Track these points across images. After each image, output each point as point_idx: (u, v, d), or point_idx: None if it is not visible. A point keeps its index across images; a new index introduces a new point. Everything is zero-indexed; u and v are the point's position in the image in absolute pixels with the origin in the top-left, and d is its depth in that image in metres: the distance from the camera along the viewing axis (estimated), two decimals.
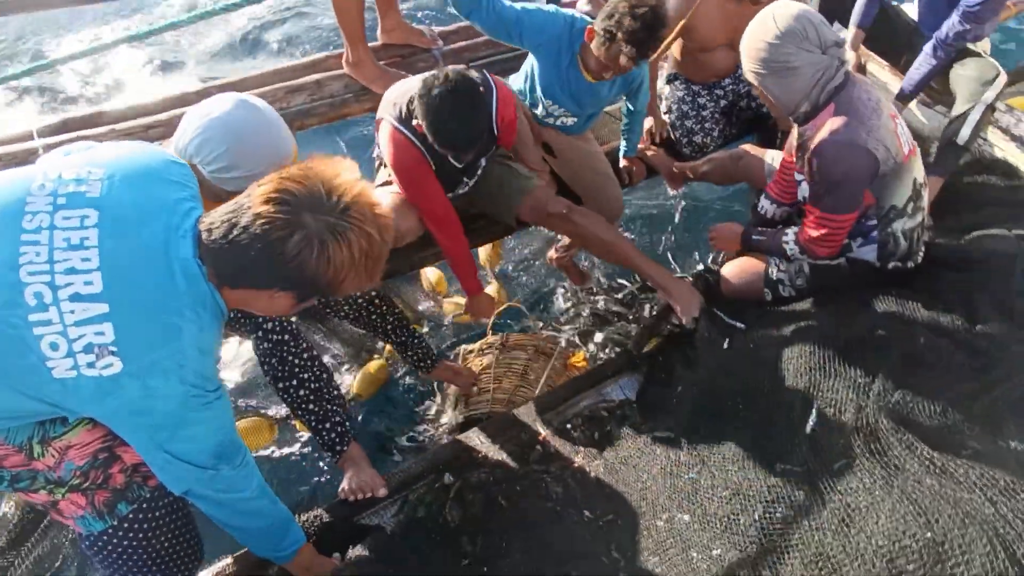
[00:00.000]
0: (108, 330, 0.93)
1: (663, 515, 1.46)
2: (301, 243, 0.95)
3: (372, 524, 1.67)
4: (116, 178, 1.00)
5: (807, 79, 1.60)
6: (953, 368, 1.40)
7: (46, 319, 0.92)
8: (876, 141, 1.59)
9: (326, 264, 0.97)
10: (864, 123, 1.59)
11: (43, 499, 1.16)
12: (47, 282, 0.92)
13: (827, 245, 1.72)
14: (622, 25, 1.89)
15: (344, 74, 2.46)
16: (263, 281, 1.01)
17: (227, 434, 1.10)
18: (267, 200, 0.95)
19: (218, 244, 0.97)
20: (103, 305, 0.93)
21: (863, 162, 1.59)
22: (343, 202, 0.97)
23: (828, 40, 1.59)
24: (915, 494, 1.13)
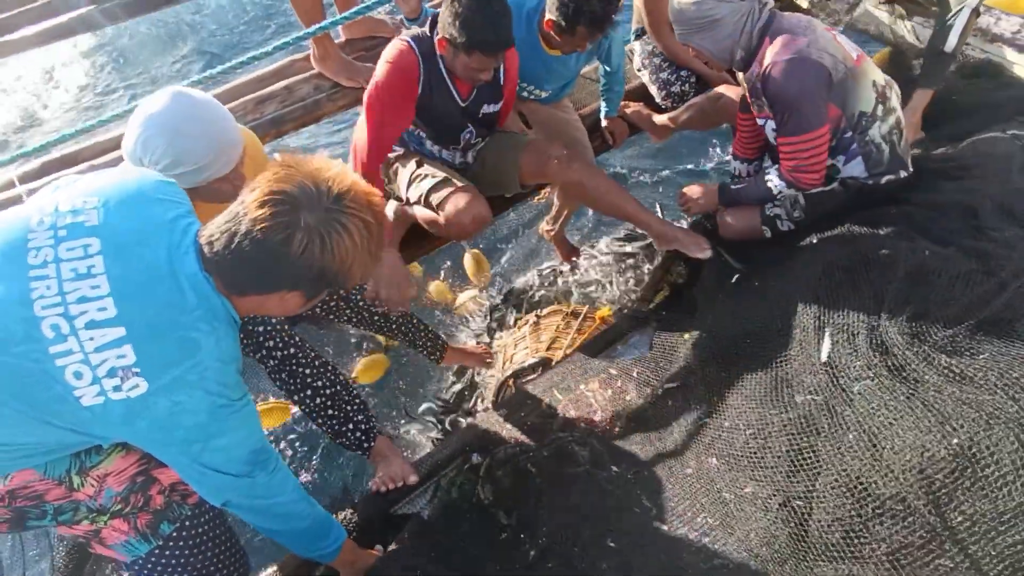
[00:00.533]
0: (129, 352, 0.95)
1: (691, 462, 1.47)
2: (303, 240, 0.96)
3: (409, 513, 1.70)
4: (111, 204, 1.02)
5: (732, 27, 1.65)
6: (962, 275, 1.39)
7: (67, 349, 0.94)
8: (818, 51, 1.62)
9: (331, 256, 0.98)
10: (799, 37, 1.62)
11: (85, 529, 1.18)
12: (61, 313, 0.94)
13: (811, 170, 1.72)
14: (581, 13, 1.84)
15: (314, 75, 2.44)
16: (271, 284, 1.02)
17: (258, 440, 1.12)
18: (262, 204, 0.96)
19: (221, 255, 0.99)
20: (120, 329, 0.95)
21: (813, 71, 1.61)
22: (334, 192, 0.98)
23: None
24: (937, 404, 1.13)
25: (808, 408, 1.32)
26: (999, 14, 2.43)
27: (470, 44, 1.69)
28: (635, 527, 1.39)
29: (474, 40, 1.68)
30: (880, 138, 1.75)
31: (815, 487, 1.23)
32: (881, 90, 1.76)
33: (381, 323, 2.05)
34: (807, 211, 1.88)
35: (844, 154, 1.78)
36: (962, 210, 1.64)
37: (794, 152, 1.69)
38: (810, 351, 1.43)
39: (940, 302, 1.34)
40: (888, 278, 1.46)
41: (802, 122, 1.64)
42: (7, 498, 1.07)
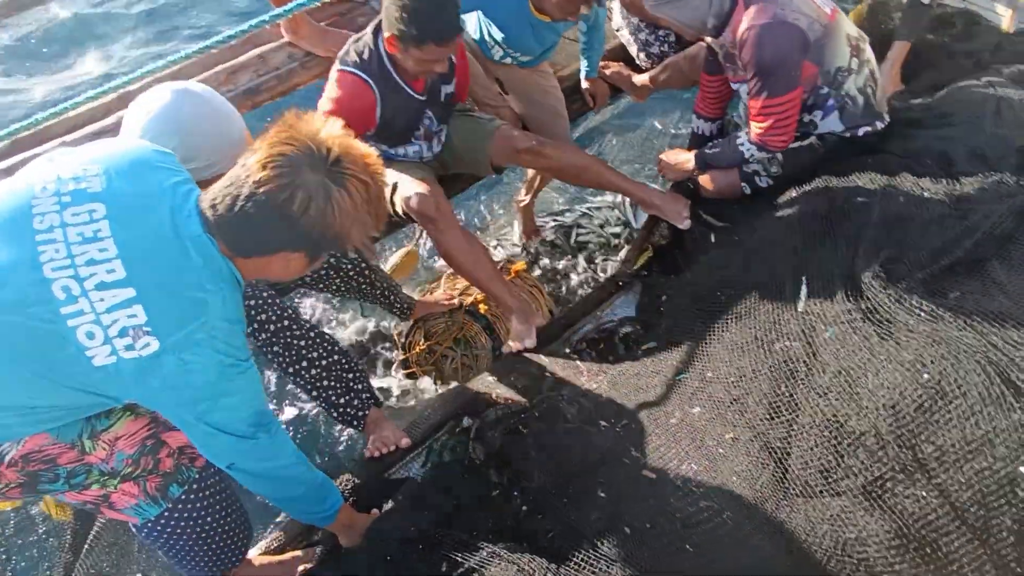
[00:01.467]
0: (139, 312, 0.97)
1: (675, 413, 1.51)
2: (306, 200, 0.98)
3: (403, 477, 1.73)
4: (112, 171, 1.04)
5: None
6: (935, 219, 1.42)
7: (78, 310, 0.95)
8: (794, 13, 1.61)
9: (332, 216, 1.00)
10: (774, 4, 1.60)
11: (95, 494, 1.21)
12: (72, 275, 0.96)
13: (779, 132, 1.73)
14: None
15: (286, 43, 2.38)
16: (274, 245, 1.05)
17: (261, 403, 1.15)
18: (264, 166, 0.98)
19: (225, 218, 1.01)
20: (129, 290, 0.97)
21: (790, 35, 1.61)
22: (334, 153, 1.00)
23: None
24: (909, 342, 1.17)
25: (786, 354, 1.36)
26: None
27: (422, 37, 1.65)
28: (624, 478, 1.43)
29: (426, 31, 1.64)
30: (856, 91, 1.76)
31: (792, 429, 1.27)
32: (855, 43, 1.76)
33: (367, 291, 2.08)
34: (784, 166, 1.89)
35: (821, 109, 1.79)
36: (936, 156, 1.66)
37: (764, 114, 1.69)
38: (788, 300, 1.46)
39: (913, 246, 1.37)
40: (863, 225, 1.49)
41: (775, 86, 1.64)
42: (20, 463, 1.09)
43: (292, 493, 1.29)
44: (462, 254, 1.91)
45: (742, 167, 1.95)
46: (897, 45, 2.27)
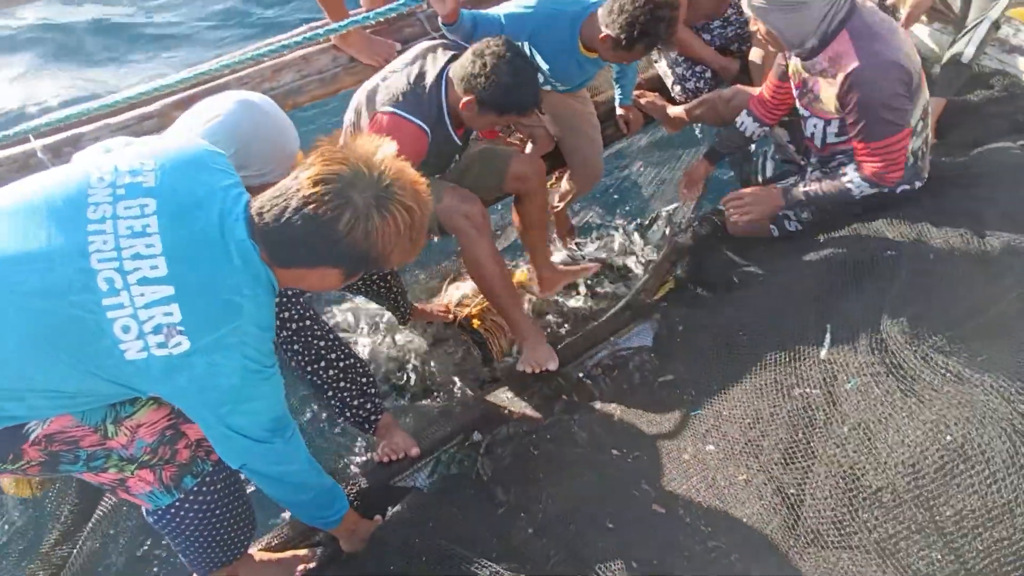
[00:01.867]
0: (175, 311, 0.98)
1: (688, 448, 1.51)
2: (351, 220, 1.00)
3: (409, 486, 1.73)
4: (168, 168, 1.06)
5: (817, 14, 1.55)
6: (964, 279, 1.42)
7: (118, 303, 0.97)
8: (906, 56, 1.57)
9: (375, 238, 1.03)
10: (890, 42, 1.56)
11: (112, 477, 1.22)
12: (116, 268, 0.97)
13: (894, 168, 1.66)
14: (646, 36, 1.84)
15: (331, 47, 2.42)
16: (315, 259, 1.07)
17: (281, 409, 1.16)
18: (315, 182, 1.00)
19: (270, 227, 1.03)
20: (169, 288, 0.98)
21: (903, 78, 1.57)
22: (385, 178, 1.02)
23: None
24: (933, 402, 1.16)
25: (804, 401, 1.36)
26: (1019, 25, 2.43)
27: (506, 108, 1.73)
28: (632, 509, 1.43)
29: (511, 104, 1.72)
30: (911, 152, 1.74)
31: (807, 477, 1.27)
32: (926, 107, 1.75)
33: (382, 293, 2.16)
34: (816, 212, 1.90)
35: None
36: (968, 215, 1.67)
37: (879, 155, 1.63)
38: (810, 347, 1.46)
39: (941, 304, 1.37)
40: (890, 278, 1.49)
41: (888, 127, 1.59)
42: (44, 442, 1.11)
43: (300, 497, 1.30)
44: (490, 267, 1.92)
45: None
46: (933, 101, 2.28)
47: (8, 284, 0.96)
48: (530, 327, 1.98)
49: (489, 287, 1.97)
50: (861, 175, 1.71)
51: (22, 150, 1.99)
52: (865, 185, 1.72)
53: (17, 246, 0.98)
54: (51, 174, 1.07)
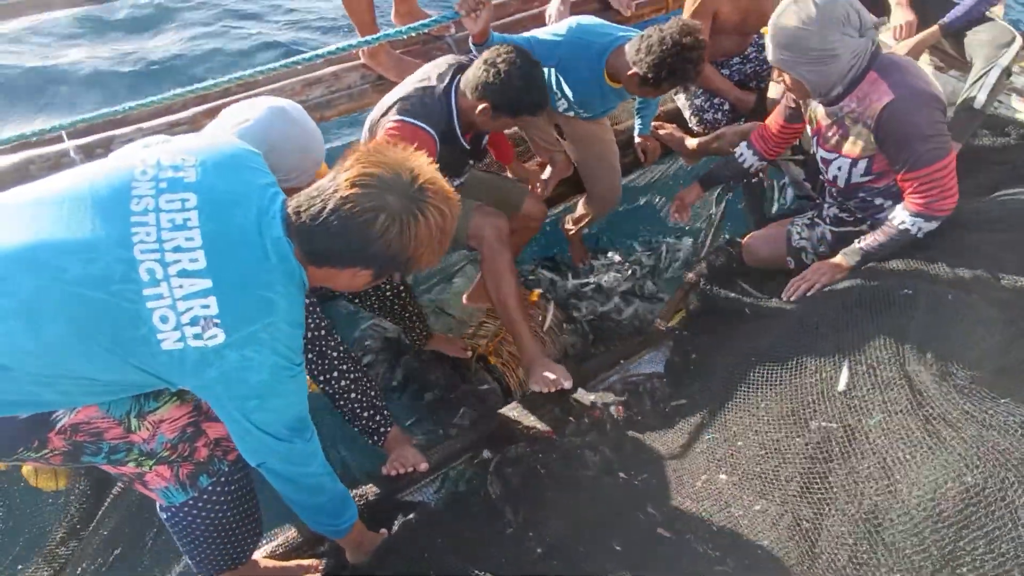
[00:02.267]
0: (213, 303, 1.00)
1: (701, 476, 1.50)
2: (387, 222, 1.04)
3: (415, 500, 1.72)
4: (208, 165, 1.08)
5: (845, 64, 1.57)
6: (983, 320, 1.43)
7: (158, 293, 0.99)
8: (934, 87, 1.59)
9: (409, 240, 1.06)
10: (918, 74, 1.58)
11: (131, 470, 1.23)
12: (158, 259, 0.99)
13: (947, 195, 1.63)
14: (674, 75, 1.90)
15: (361, 64, 2.49)
16: (348, 260, 1.09)
17: (304, 409, 1.17)
18: (353, 184, 1.03)
19: (308, 226, 1.05)
20: (207, 281, 1.00)
21: (938, 105, 1.58)
22: (419, 181, 1.06)
23: (867, 22, 1.56)
24: (953, 442, 1.16)
25: (822, 434, 1.35)
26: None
27: (518, 109, 1.80)
28: (641, 533, 1.42)
29: (523, 106, 1.79)
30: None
31: (824, 511, 1.26)
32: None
33: (397, 311, 2.14)
34: (833, 247, 1.92)
35: (894, 199, 1.78)
36: (986, 261, 1.68)
37: (930, 183, 1.61)
38: (827, 379, 1.47)
39: (961, 345, 1.37)
40: (909, 317, 1.49)
41: (935, 151, 1.57)
42: (69, 431, 1.11)
43: (313, 500, 1.30)
44: (508, 279, 1.95)
45: (790, 241, 1.97)
46: None
47: (52, 271, 0.98)
48: (540, 348, 2.00)
49: (505, 301, 1.99)
50: (912, 212, 1.66)
51: (55, 149, 2.04)
52: (920, 220, 1.67)
53: (62, 234, 1.00)
54: (96, 165, 1.10)
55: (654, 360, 2.11)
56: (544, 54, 2.11)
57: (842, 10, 1.54)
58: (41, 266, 0.98)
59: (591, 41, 2.09)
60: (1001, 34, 2.32)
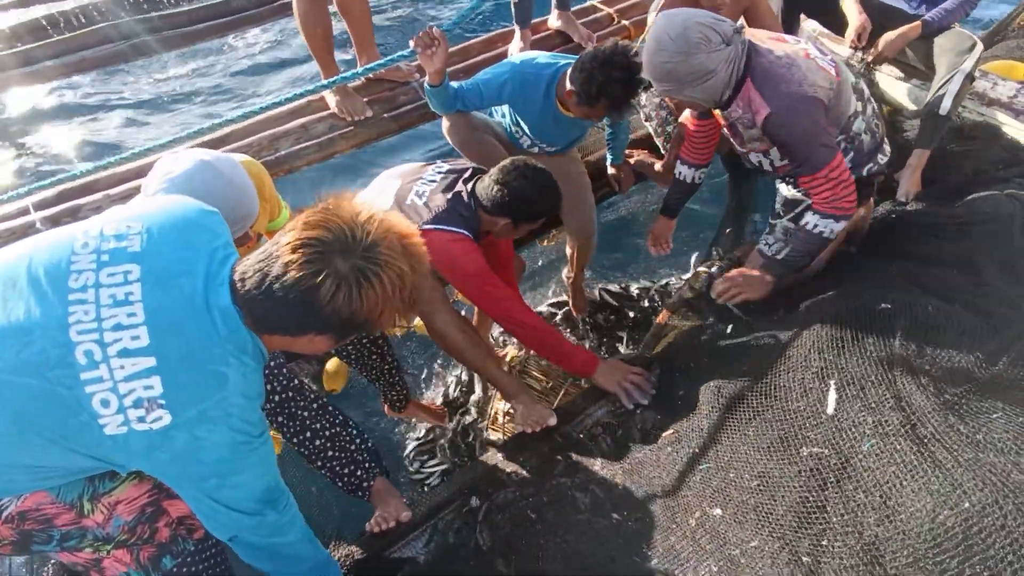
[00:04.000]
0: (156, 383, 0.94)
1: (695, 512, 1.44)
2: (332, 288, 0.96)
3: (404, 557, 1.65)
4: (154, 231, 1.03)
5: (724, 74, 1.62)
6: (968, 330, 1.40)
7: (97, 376, 0.93)
8: (810, 85, 1.60)
9: (360, 304, 0.97)
10: (789, 78, 1.60)
11: (87, 557, 1.16)
12: (96, 340, 0.94)
13: (846, 197, 1.66)
14: (604, 92, 1.94)
15: (329, 114, 2.50)
16: (299, 327, 1.02)
17: (272, 479, 1.11)
18: (295, 248, 0.96)
19: (251, 294, 0.99)
20: (150, 359, 0.94)
21: (813, 107, 1.60)
22: (369, 239, 0.97)
23: (727, 32, 1.59)
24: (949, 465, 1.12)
25: (815, 462, 1.31)
26: (996, 79, 2.51)
27: (538, 217, 1.86)
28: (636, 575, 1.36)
29: (543, 212, 1.85)
30: (863, 130, 1.77)
31: (822, 545, 1.21)
32: (859, 88, 1.78)
33: (376, 363, 2.08)
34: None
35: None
36: (964, 267, 1.66)
37: (824, 185, 1.66)
38: (815, 403, 1.43)
39: (947, 358, 1.34)
40: (892, 333, 1.46)
41: (819, 158, 1.62)
42: (16, 520, 1.06)
43: (293, 570, 1.23)
44: (453, 335, 1.89)
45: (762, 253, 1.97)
46: (916, 152, 2.33)
47: None
48: (517, 385, 1.94)
49: (459, 355, 1.94)
50: (820, 213, 1.71)
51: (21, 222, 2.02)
52: (830, 221, 1.71)
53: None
54: (37, 240, 1.05)
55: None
56: (493, 96, 2.15)
57: (696, 33, 1.57)
58: None
59: (537, 74, 2.12)
60: (961, 40, 2.36)
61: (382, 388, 2.15)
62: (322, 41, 2.37)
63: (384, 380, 2.11)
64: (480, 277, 1.84)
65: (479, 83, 2.15)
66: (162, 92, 4.71)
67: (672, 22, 1.59)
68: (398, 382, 2.14)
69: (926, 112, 2.33)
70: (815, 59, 1.65)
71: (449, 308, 1.92)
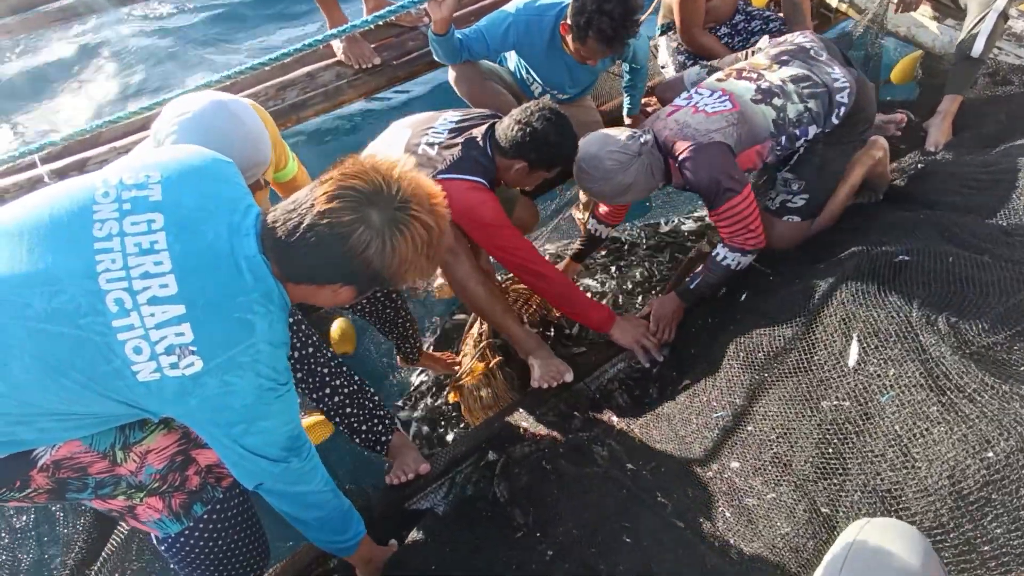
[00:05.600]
0: (187, 330, 0.95)
1: (712, 465, 1.45)
2: (367, 238, 0.98)
3: (423, 508, 1.69)
4: (174, 180, 1.02)
5: (645, 177, 1.80)
6: (995, 282, 1.36)
7: (128, 324, 0.94)
8: (704, 135, 1.74)
9: (391, 256, 1.00)
10: (686, 140, 1.75)
11: (120, 504, 1.19)
12: (126, 288, 0.94)
13: (750, 232, 1.79)
14: (592, 23, 1.87)
15: (336, 62, 2.41)
16: (328, 276, 1.04)
17: (296, 427, 1.13)
18: (331, 198, 0.97)
19: (283, 242, 0.99)
20: (180, 307, 0.95)
21: (712, 152, 1.72)
22: (402, 194, 0.99)
23: (631, 147, 1.77)
24: (973, 417, 1.11)
25: (835, 414, 1.30)
26: None
27: (555, 164, 1.82)
28: (652, 523, 1.38)
29: (561, 160, 1.83)
30: (800, 102, 1.79)
31: (841, 495, 1.21)
32: (764, 90, 1.79)
33: (390, 317, 2.08)
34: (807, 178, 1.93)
35: (797, 138, 1.82)
36: (992, 217, 1.61)
37: (729, 222, 1.78)
38: (836, 356, 1.41)
39: (975, 310, 1.31)
40: (918, 284, 1.43)
41: (721, 196, 1.74)
42: (52, 468, 1.08)
43: (317, 517, 1.26)
44: (472, 287, 1.87)
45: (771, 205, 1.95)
46: (947, 98, 2.24)
47: (14, 308, 0.93)
48: (535, 341, 1.92)
49: (478, 308, 1.93)
50: (727, 247, 1.84)
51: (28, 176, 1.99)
52: (737, 255, 1.83)
53: (22, 268, 0.94)
54: (55, 189, 1.04)
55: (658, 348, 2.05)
56: (498, 41, 2.06)
57: (607, 163, 1.76)
58: (1, 303, 0.93)
59: (541, 16, 2.05)
60: None
61: (396, 340, 2.16)
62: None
63: (398, 332, 2.12)
64: (496, 226, 1.81)
65: (482, 30, 2.07)
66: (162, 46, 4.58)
67: (588, 152, 1.79)
68: (411, 335, 2.14)
69: (957, 55, 2.22)
70: (703, 109, 1.79)
71: (472, 260, 1.89)
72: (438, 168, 1.80)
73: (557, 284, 1.87)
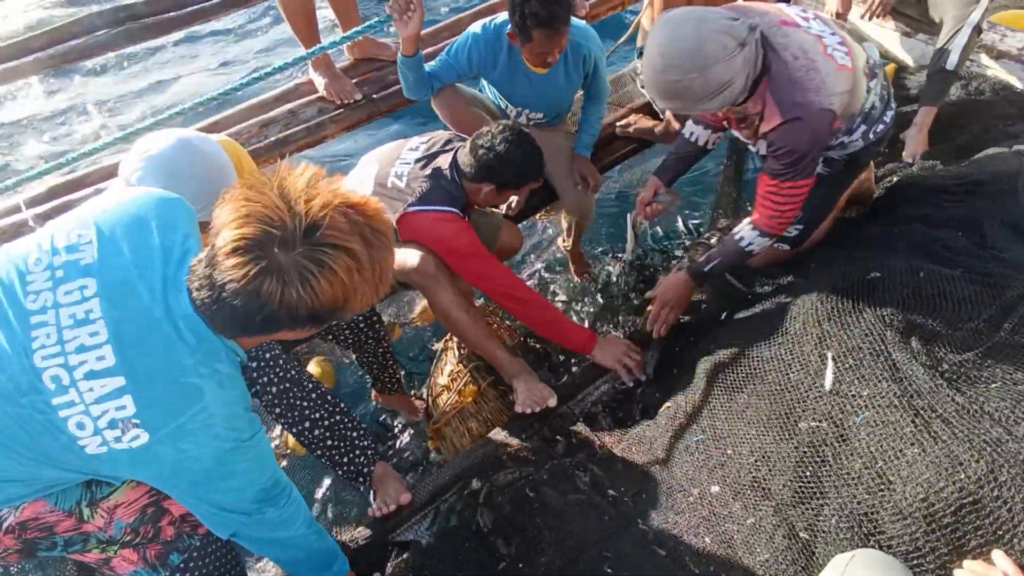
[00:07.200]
0: (128, 403, 0.91)
1: (693, 489, 1.44)
2: (278, 287, 0.87)
3: (408, 540, 1.67)
4: (106, 237, 0.98)
5: (741, 80, 1.42)
6: (969, 296, 1.36)
7: (68, 400, 0.91)
8: (827, 96, 1.44)
9: (315, 298, 0.88)
10: (808, 88, 1.43)
11: (95, 557, 1.18)
12: (61, 364, 0.91)
13: (785, 218, 1.62)
14: (524, 14, 1.87)
15: (318, 98, 2.46)
16: (263, 329, 0.95)
17: (268, 476, 1.09)
18: (231, 252, 0.87)
19: (207, 304, 0.93)
20: (119, 378, 0.92)
21: (824, 122, 1.47)
22: (306, 223, 0.86)
23: (741, 32, 1.38)
24: (945, 437, 1.10)
25: (812, 436, 1.29)
26: (1005, 31, 2.41)
27: (525, 181, 1.83)
28: (633, 551, 1.36)
29: (529, 176, 1.82)
30: (877, 99, 1.66)
31: (820, 519, 1.20)
32: (873, 65, 1.65)
33: (371, 347, 2.07)
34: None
35: (850, 133, 1.67)
36: (967, 228, 1.61)
37: (783, 199, 1.57)
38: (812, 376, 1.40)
39: (947, 327, 1.31)
40: (891, 302, 1.43)
41: (800, 171, 1.52)
42: (17, 530, 1.07)
43: (297, 557, 1.24)
44: (455, 314, 1.87)
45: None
46: (923, 110, 2.25)
47: None
48: (518, 365, 1.91)
49: (462, 334, 1.93)
50: (752, 224, 1.65)
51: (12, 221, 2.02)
52: (755, 235, 1.66)
53: None
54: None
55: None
56: (464, 65, 2.09)
57: (714, 44, 1.35)
58: None
59: (496, 31, 2.07)
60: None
61: (375, 371, 2.16)
62: (302, 18, 2.31)
63: (378, 364, 2.11)
64: (473, 256, 1.81)
65: (447, 55, 2.10)
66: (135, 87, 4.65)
67: (682, 30, 1.36)
68: (391, 364, 2.14)
69: (932, 67, 2.24)
70: (833, 55, 1.46)
71: (454, 286, 1.88)
72: (408, 201, 1.81)
73: (536, 309, 1.87)
